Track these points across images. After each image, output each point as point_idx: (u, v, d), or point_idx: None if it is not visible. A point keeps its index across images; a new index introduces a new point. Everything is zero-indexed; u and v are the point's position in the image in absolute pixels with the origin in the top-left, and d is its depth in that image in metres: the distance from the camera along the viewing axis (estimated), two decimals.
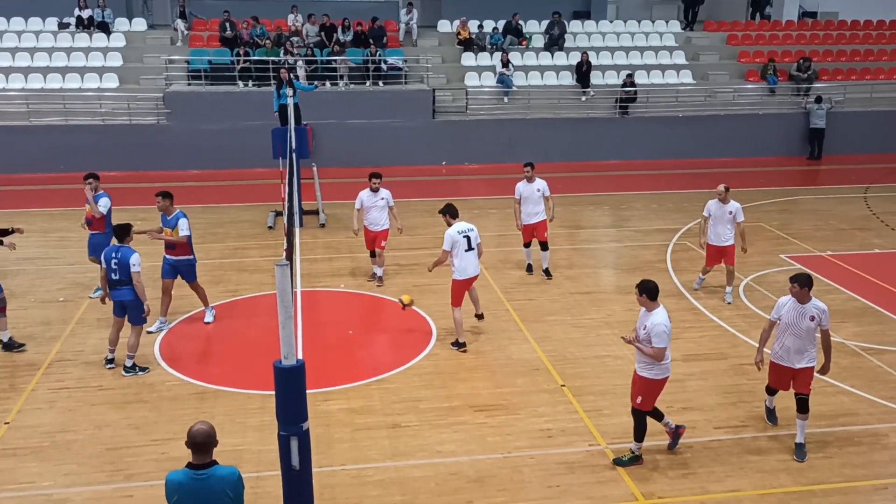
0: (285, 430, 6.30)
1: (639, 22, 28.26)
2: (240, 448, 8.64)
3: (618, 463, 8.45)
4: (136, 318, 10.28)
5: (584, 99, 24.57)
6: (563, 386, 10.17)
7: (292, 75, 19.54)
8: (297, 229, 15.52)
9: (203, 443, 5.43)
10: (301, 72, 22.34)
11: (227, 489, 5.45)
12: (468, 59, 25.30)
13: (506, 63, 24.29)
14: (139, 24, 25.70)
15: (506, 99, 24.16)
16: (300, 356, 7.49)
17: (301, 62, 22.91)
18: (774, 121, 24.78)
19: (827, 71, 26.40)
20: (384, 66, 23.91)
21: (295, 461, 6.32)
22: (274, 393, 6.36)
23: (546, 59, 25.75)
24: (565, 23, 26.71)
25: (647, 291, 8.11)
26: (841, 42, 28.09)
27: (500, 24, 26.22)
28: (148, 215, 11.93)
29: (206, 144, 22.02)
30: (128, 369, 10.34)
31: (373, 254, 13.67)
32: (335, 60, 23.59)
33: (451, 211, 11.20)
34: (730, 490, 8.06)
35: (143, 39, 24.85)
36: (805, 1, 31.14)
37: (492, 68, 24.75)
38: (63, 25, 24.75)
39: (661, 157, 23.89)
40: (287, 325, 6.06)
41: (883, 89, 25.87)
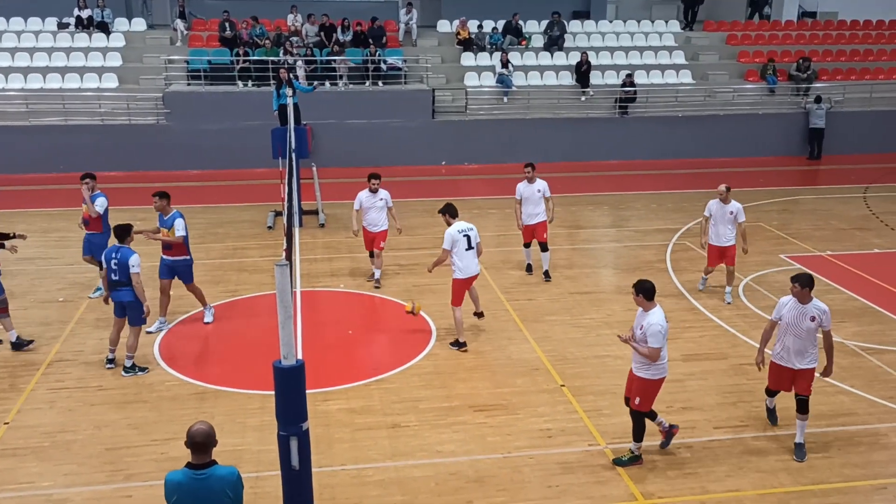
0: (285, 430, 6.30)
1: (638, 22, 28.24)
2: (239, 448, 8.64)
3: (617, 463, 8.45)
4: (135, 318, 10.28)
5: (583, 99, 24.57)
6: (563, 386, 10.17)
7: (292, 75, 19.53)
8: (296, 229, 15.50)
9: (202, 443, 5.43)
10: (300, 72, 22.33)
11: (226, 489, 5.46)
12: (468, 59, 25.29)
13: (505, 63, 24.29)
14: (138, 24, 25.69)
15: (505, 99, 24.15)
16: (300, 356, 7.48)
17: (300, 62, 22.90)
18: (774, 121, 24.78)
19: (826, 71, 26.40)
20: (384, 66, 23.90)
21: (295, 461, 6.32)
22: (274, 393, 6.36)
23: (546, 59, 25.75)
24: (565, 23, 26.70)
25: (643, 291, 8.10)
26: (840, 42, 28.08)
27: (500, 24, 26.20)
28: (147, 216, 11.94)
29: (206, 144, 22.02)
30: (127, 369, 10.35)
31: (372, 254, 13.67)
32: (335, 60, 23.58)
33: (451, 210, 11.22)
34: (729, 490, 8.06)
35: (142, 39, 24.84)
36: (805, 1, 31.14)
37: (491, 68, 24.73)
38: (62, 25, 24.74)
39: (661, 157, 23.89)
40: (287, 325, 6.06)
41: (882, 89, 25.87)
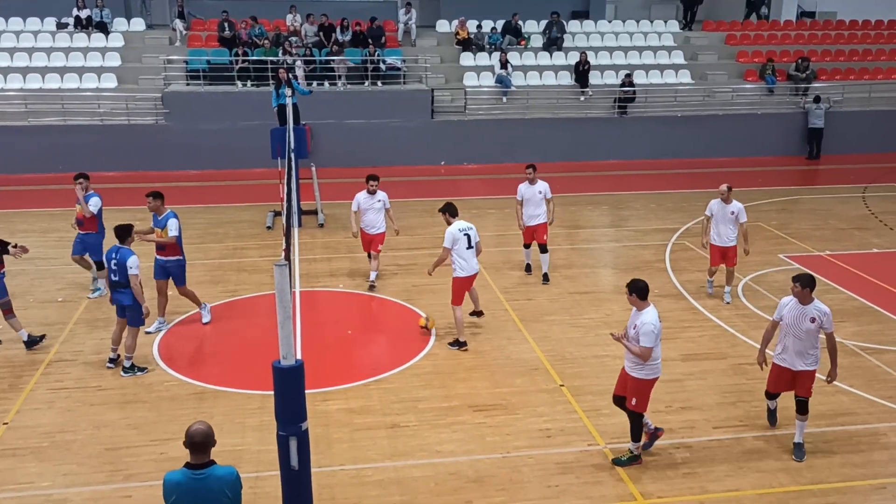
0: (284, 430, 6.30)
1: (637, 22, 28.24)
2: (239, 448, 8.64)
3: (616, 463, 8.45)
4: (134, 319, 10.28)
5: (582, 99, 24.57)
6: (562, 386, 10.17)
7: (291, 75, 19.53)
8: (295, 229, 15.49)
9: (201, 443, 5.43)
10: (300, 72, 22.33)
11: (225, 489, 5.45)
12: (467, 58, 25.28)
13: (504, 63, 24.28)
14: (137, 24, 25.67)
15: (504, 99, 24.15)
16: (299, 356, 7.47)
17: (300, 62, 22.90)
18: (773, 120, 24.78)
19: (825, 71, 26.40)
20: (383, 66, 23.90)
21: (294, 461, 6.32)
22: (273, 393, 6.36)
23: (545, 58, 25.74)
24: (564, 23, 26.68)
25: (636, 291, 8.11)
26: (839, 42, 28.08)
27: (499, 23, 26.20)
28: (147, 216, 11.93)
29: (205, 144, 22.01)
30: (126, 370, 10.35)
31: (370, 255, 13.66)
32: (334, 60, 23.56)
33: (451, 210, 11.24)
34: (729, 490, 8.06)
35: (141, 39, 24.83)
36: (804, 1, 31.14)
37: (490, 68, 24.73)
38: (61, 25, 24.72)
39: (660, 157, 23.89)
40: (286, 325, 6.06)
41: (881, 89, 25.88)
